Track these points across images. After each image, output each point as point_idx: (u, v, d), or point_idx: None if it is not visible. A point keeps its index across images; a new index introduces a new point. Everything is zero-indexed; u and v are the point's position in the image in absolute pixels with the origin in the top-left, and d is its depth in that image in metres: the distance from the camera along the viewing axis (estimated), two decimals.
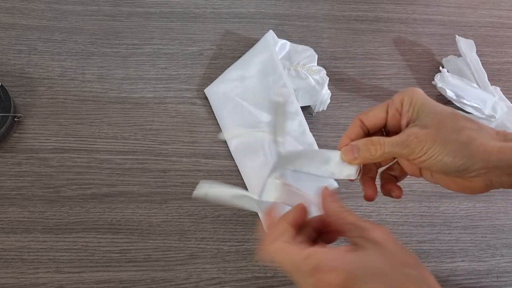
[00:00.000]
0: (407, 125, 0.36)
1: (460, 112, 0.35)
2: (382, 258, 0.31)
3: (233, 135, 0.50)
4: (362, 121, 0.38)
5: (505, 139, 0.34)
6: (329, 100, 0.63)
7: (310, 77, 0.63)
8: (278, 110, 0.42)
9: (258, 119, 0.60)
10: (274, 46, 0.66)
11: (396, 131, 0.37)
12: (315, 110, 0.63)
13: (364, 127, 0.38)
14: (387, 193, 0.40)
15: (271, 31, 0.68)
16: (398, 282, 0.30)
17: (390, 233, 0.33)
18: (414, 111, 0.36)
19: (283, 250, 0.33)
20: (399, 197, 0.39)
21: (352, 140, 0.38)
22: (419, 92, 0.36)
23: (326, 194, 0.36)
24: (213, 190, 0.41)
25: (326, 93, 0.63)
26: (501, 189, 0.35)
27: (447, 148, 0.33)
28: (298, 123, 0.60)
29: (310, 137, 0.59)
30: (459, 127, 0.34)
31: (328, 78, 0.64)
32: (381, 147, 0.36)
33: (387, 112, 0.37)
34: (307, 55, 0.66)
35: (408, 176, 0.40)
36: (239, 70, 0.64)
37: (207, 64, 0.67)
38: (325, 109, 0.63)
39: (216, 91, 0.63)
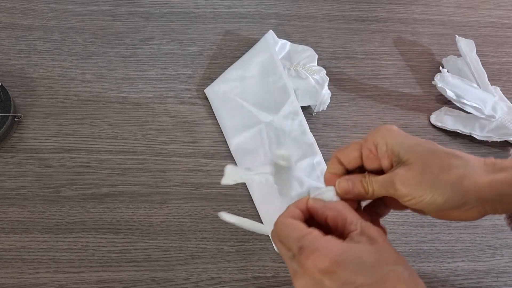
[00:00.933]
0: (391, 166, 0.35)
1: (440, 147, 0.35)
2: (371, 253, 0.31)
3: (233, 177, 0.47)
4: (339, 159, 0.37)
5: (494, 169, 0.33)
6: (329, 100, 0.63)
7: (310, 77, 0.63)
8: (281, 173, 0.41)
9: (258, 119, 0.60)
10: (274, 46, 0.66)
11: (375, 170, 0.36)
12: (315, 110, 0.63)
13: (342, 164, 0.37)
14: None
15: (271, 31, 0.68)
16: (384, 277, 0.30)
17: (383, 234, 0.33)
18: (394, 153, 0.35)
19: (286, 224, 0.34)
20: None
21: (335, 175, 0.38)
22: (393, 132, 0.35)
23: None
24: (233, 217, 0.41)
25: (326, 93, 0.63)
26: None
27: (438, 190, 0.33)
28: (298, 123, 0.60)
29: (310, 137, 0.59)
30: (445, 165, 0.33)
31: (328, 78, 0.64)
32: (371, 185, 0.35)
33: (360, 152, 0.36)
34: (307, 55, 0.66)
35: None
36: (239, 70, 0.64)
37: (207, 64, 0.67)
38: (325, 109, 0.63)
39: (216, 91, 0.63)
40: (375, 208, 0.39)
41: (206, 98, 0.63)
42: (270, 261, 0.52)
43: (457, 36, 0.70)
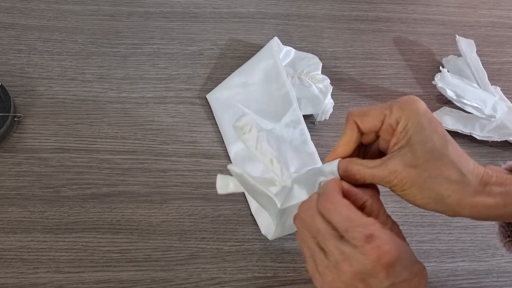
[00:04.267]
0: (394, 145, 0.35)
1: (450, 152, 0.34)
2: (410, 250, 0.34)
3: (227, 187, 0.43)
4: (357, 124, 0.37)
5: (483, 191, 0.34)
6: (332, 110, 0.62)
7: (313, 86, 0.62)
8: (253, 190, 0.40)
9: (259, 127, 0.60)
10: (278, 53, 0.65)
11: (386, 139, 0.37)
12: (317, 119, 0.62)
13: (359, 129, 0.37)
14: None
15: (276, 38, 0.67)
16: (416, 273, 0.33)
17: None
18: (406, 137, 0.34)
19: (339, 202, 0.34)
20: None
21: (348, 145, 0.38)
22: (418, 113, 0.34)
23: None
24: (247, 177, 0.39)
25: (329, 102, 0.61)
26: None
27: (424, 194, 0.34)
28: (299, 132, 0.59)
29: (311, 147, 0.58)
30: (442, 176, 0.33)
31: (332, 88, 0.63)
32: (361, 176, 0.36)
33: (382, 123, 0.36)
34: (311, 63, 0.65)
35: None
36: (242, 77, 0.63)
37: (207, 64, 0.67)
38: (327, 118, 0.62)
39: (218, 97, 0.62)
40: None
41: (206, 98, 0.63)
42: (270, 261, 0.52)
43: (457, 36, 0.70)
